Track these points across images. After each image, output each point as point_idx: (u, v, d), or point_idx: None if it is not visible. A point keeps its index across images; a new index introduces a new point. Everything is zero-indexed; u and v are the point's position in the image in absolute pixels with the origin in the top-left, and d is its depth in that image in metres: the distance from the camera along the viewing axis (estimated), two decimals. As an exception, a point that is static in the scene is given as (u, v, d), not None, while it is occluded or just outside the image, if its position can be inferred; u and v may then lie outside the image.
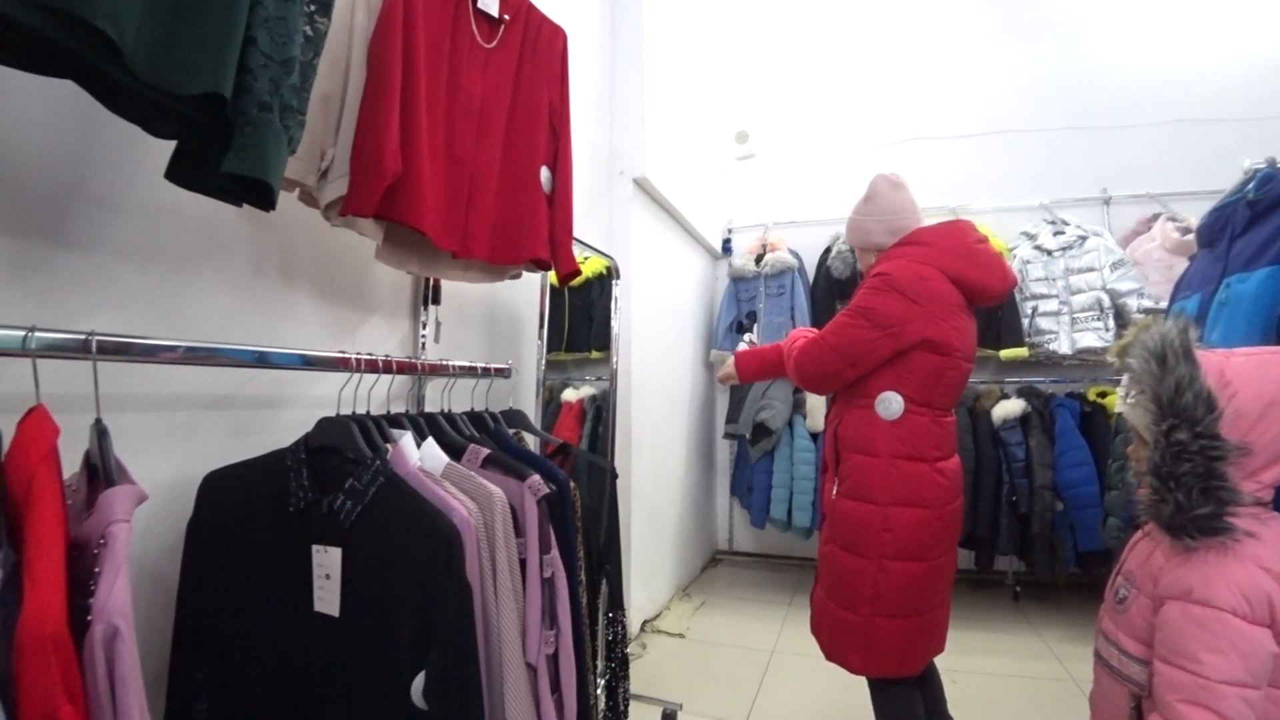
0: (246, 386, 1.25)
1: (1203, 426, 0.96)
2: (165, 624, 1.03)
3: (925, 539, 1.50)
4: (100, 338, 0.77)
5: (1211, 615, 0.93)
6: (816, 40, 4.27)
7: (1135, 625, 1.07)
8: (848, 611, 1.54)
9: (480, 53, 1.35)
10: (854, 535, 1.53)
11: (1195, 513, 0.96)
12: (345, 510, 0.98)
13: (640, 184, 2.92)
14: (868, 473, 1.52)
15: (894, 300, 1.50)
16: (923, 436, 1.52)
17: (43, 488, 0.61)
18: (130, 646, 0.57)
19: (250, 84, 0.75)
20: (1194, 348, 1.00)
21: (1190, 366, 0.98)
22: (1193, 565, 0.97)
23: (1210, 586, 0.94)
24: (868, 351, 1.51)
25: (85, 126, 0.99)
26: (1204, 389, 0.97)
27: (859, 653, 1.54)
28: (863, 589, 1.51)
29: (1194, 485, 0.96)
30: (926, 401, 1.53)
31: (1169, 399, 0.98)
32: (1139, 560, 1.12)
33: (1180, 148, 3.50)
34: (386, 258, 1.33)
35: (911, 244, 1.59)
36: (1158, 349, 1.01)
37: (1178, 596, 0.98)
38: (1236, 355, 1.03)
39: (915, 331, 1.49)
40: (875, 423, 1.52)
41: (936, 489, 1.52)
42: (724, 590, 3.68)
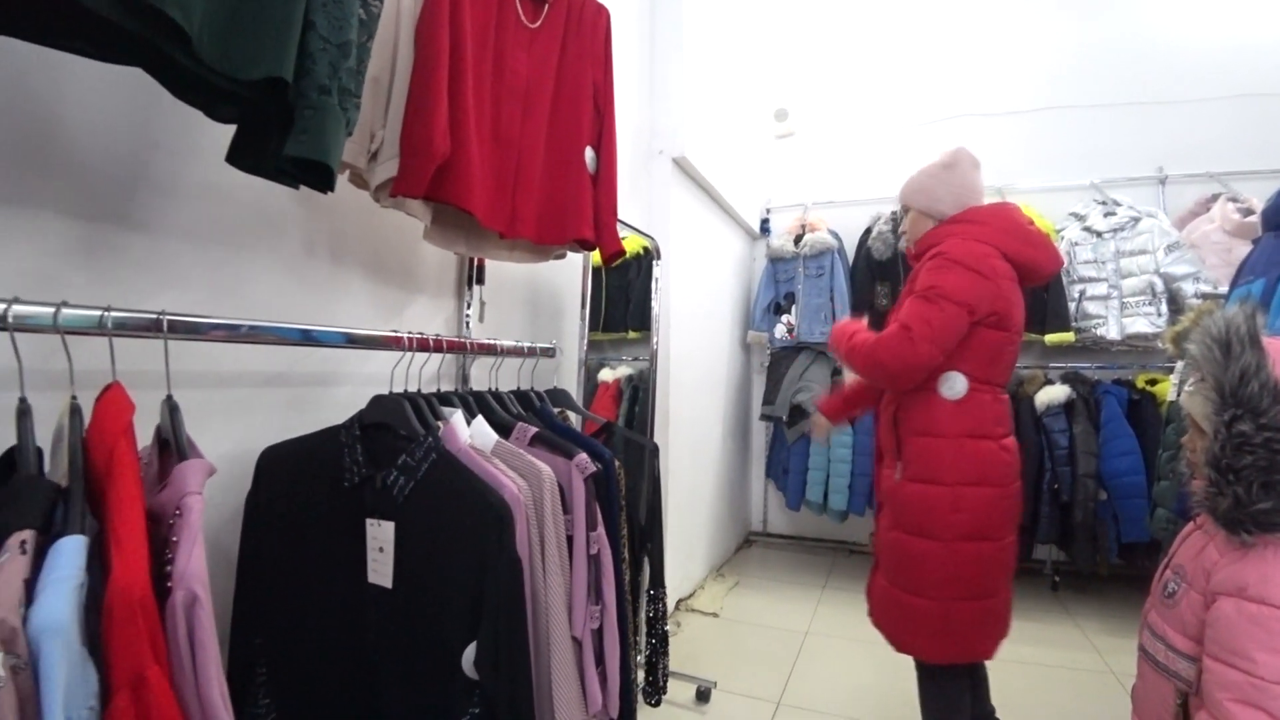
0: (301, 364, 1.28)
1: (1268, 418, 0.91)
2: (225, 591, 1.08)
3: (995, 518, 1.49)
4: (171, 317, 0.80)
5: (1268, 613, 0.89)
6: (858, 14, 4.15)
7: (1185, 621, 1.02)
8: (918, 597, 1.52)
9: (525, 33, 1.34)
10: (922, 518, 1.51)
11: (1255, 507, 0.91)
12: (399, 485, 1.01)
13: (679, 163, 2.89)
14: (935, 454, 1.50)
15: (963, 275, 1.47)
16: (987, 413, 1.52)
17: (122, 462, 0.64)
18: (208, 612, 0.60)
19: (310, 68, 0.76)
20: (1261, 334, 0.95)
21: (1257, 354, 0.93)
22: (1249, 561, 0.93)
23: (1269, 584, 0.90)
24: (958, 332, 1.48)
25: (148, 113, 1.02)
26: (1271, 379, 0.92)
27: (935, 639, 1.52)
28: (933, 573, 1.49)
29: (1255, 480, 0.91)
30: (988, 378, 1.53)
31: (1233, 388, 0.93)
32: (1190, 554, 1.07)
33: (1243, 123, 3.32)
34: (435, 238, 1.34)
35: (965, 221, 1.57)
36: (1222, 335, 0.95)
37: (1232, 593, 0.94)
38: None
39: (985, 305, 1.47)
40: (939, 403, 1.51)
41: (1004, 466, 1.52)
42: (758, 571, 3.70)
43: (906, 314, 1.50)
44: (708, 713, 2.17)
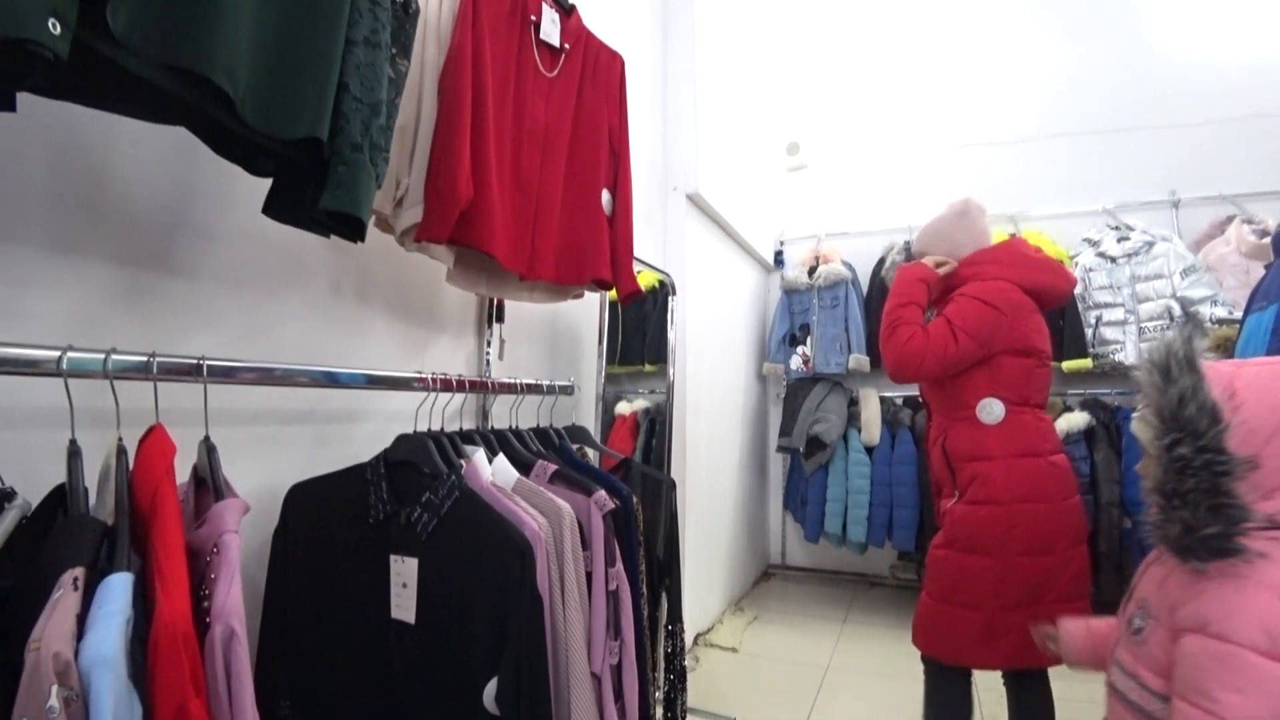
0: (326, 402, 1.32)
1: (1206, 440, 0.90)
2: (252, 625, 1.10)
3: (1051, 532, 1.53)
4: (210, 362, 0.84)
5: (1229, 650, 0.86)
6: (867, 48, 4.23)
7: (1155, 658, 0.99)
8: (968, 609, 1.56)
9: (543, 81, 1.40)
10: (976, 536, 1.56)
11: (1203, 532, 0.90)
12: (422, 522, 1.04)
13: (693, 199, 2.95)
14: (987, 477, 1.56)
15: (982, 309, 1.58)
16: (1031, 432, 1.59)
17: (166, 502, 0.68)
18: (244, 647, 0.63)
19: (344, 126, 0.81)
20: (1199, 358, 0.94)
21: (1194, 377, 0.93)
22: (1210, 595, 0.91)
23: (1229, 620, 0.87)
24: (964, 357, 1.57)
25: (190, 162, 1.08)
26: (1209, 401, 0.91)
27: (984, 645, 1.55)
28: (985, 586, 1.54)
29: (1201, 503, 0.90)
30: (1024, 400, 1.60)
31: (1171, 412, 0.93)
32: (1153, 587, 1.05)
33: (1256, 144, 3.30)
34: (457, 280, 1.39)
35: (981, 262, 1.68)
36: (1161, 360, 0.96)
37: (1196, 629, 0.91)
38: (1250, 366, 0.97)
39: (1000, 338, 1.57)
40: (984, 429, 1.58)
41: (1056, 481, 1.57)
42: (777, 605, 3.65)
43: (934, 330, 1.61)
44: (728, 750, 2.14)
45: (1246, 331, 1.59)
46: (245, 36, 0.72)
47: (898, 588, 3.80)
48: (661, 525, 1.54)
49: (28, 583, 0.59)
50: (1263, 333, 1.48)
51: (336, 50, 0.81)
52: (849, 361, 3.61)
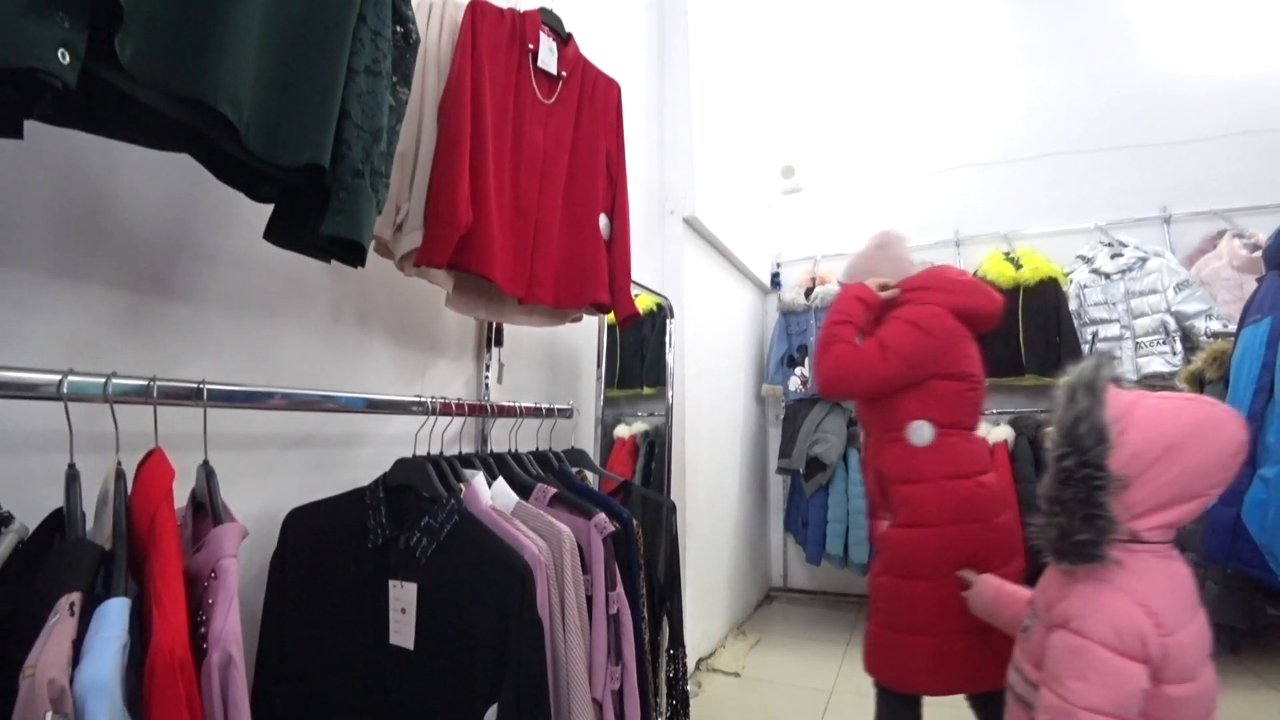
0: (326, 426, 1.32)
1: (1089, 456, 1.01)
2: (248, 650, 1.08)
3: (983, 552, 1.54)
4: (211, 386, 0.84)
5: (1081, 645, 0.98)
6: (860, 72, 4.30)
7: (1034, 652, 1.11)
8: (913, 636, 1.55)
9: (541, 108, 1.42)
10: (911, 560, 1.56)
11: (1076, 538, 1.01)
12: (422, 547, 1.03)
13: (690, 223, 2.97)
14: (919, 499, 1.57)
15: (913, 332, 1.62)
16: (960, 454, 1.60)
17: (164, 527, 0.68)
18: (241, 673, 0.62)
19: (345, 153, 0.82)
20: (1102, 384, 1.05)
21: (1092, 401, 1.03)
22: (1075, 595, 1.03)
23: (1085, 617, 0.99)
24: (891, 377, 1.60)
25: (190, 189, 1.09)
26: (1099, 422, 1.02)
27: (932, 674, 1.54)
28: (926, 611, 1.54)
29: (1077, 511, 1.01)
30: (954, 423, 1.61)
31: (1068, 429, 1.04)
32: (1040, 589, 1.17)
33: (1245, 160, 3.34)
34: (456, 304, 1.40)
35: (913, 289, 1.72)
36: (1071, 384, 1.07)
37: (1061, 624, 1.02)
38: (1151, 398, 1.06)
39: (929, 362, 1.60)
40: (914, 451, 1.59)
41: (986, 501, 1.59)
42: (779, 628, 3.61)
43: (866, 347, 1.64)
44: (733, 779, 2.11)
45: (1242, 344, 1.61)
46: (250, 66, 0.73)
47: (901, 610, 3.75)
48: (662, 548, 1.53)
49: (23, 607, 0.58)
50: (1258, 345, 1.50)
51: (339, 79, 0.83)
52: (848, 382, 3.60)
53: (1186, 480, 1.01)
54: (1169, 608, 0.99)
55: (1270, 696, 2.21)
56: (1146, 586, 0.99)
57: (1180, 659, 0.97)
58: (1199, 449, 1.01)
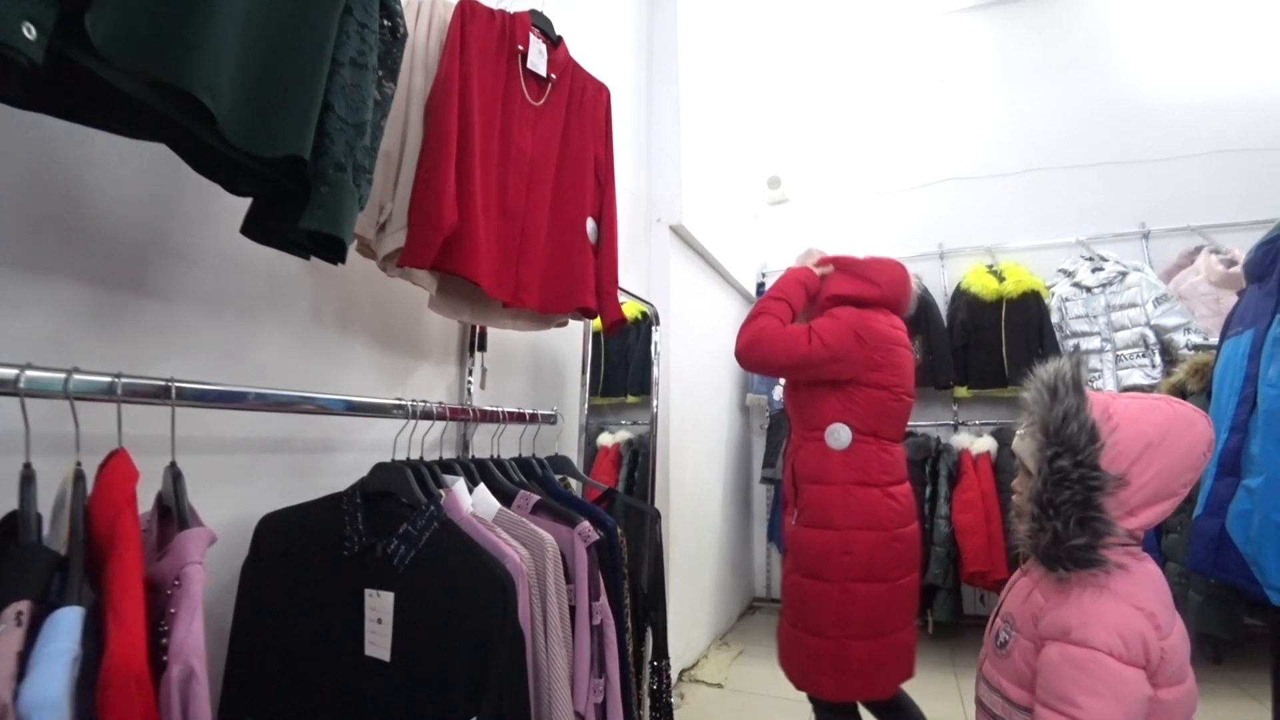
0: (304, 430, 1.28)
1: (1084, 455, 0.97)
2: (218, 662, 1.05)
3: (885, 560, 1.56)
4: (179, 384, 0.80)
5: (1088, 656, 0.93)
6: (847, 85, 4.34)
7: (1019, 670, 1.04)
8: (816, 637, 1.58)
9: (530, 111, 1.40)
10: (816, 561, 1.59)
11: (1071, 543, 0.96)
12: (399, 555, 1.00)
13: (677, 231, 2.97)
14: (826, 501, 1.59)
15: (841, 329, 1.62)
16: (873, 463, 1.61)
17: (125, 532, 0.64)
18: (204, 687, 0.59)
19: (327, 147, 0.80)
20: (1084, 381, 1.03)
21: (1078, 398, 1.00)
22: (1070, 605, 0.97)
23: (1088, 627, 0.94)
24: (811, 360, 1.61)
25: (168, 183, 1.06)
26: (1089, 420, 0.99)
27: (830, 677, 1.57)
28: (829, 613, 1.56)
29: (1072, 514, 0.97)
30: (873, 431, 1.62)
31: (1055, 428, 1.00)
32: (1018, 600, 1.10)
33: (1221, 178, 3.42)
34: (440, 307, 1.37)
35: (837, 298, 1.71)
36: (1050, 381, 1.04)
37: (1057, 637, 0.97)
38: (1121, 398, 1.05)
39: (856, 366, 1.60)
40: (828, 453, 1.61)
41: (890, 512, 1.59)
42: (762, 639, 3.58)
43: (793, 328, 1.65)
44: (715, 793, 2.07)
45: (1224, 357, 1.62)
46: (230, 53, 0.71)
47: (884, 622, 3.75)
48: (646, 558, 1.50)
49: (-31, 618, 0.55)
50: (1240, 357, 1.50)
51: (322, 70, 0.80)
52: (832, 393, 3.60)
53: (1163, 480, 1.00)
54: (1162, 609, 0.97)
55: (1249, 705, 2.22)
56: (1139, 589, 0.97)
57: (1172, 661, 0.95)
58: (1173, 447, 1.00)
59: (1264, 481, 1.33)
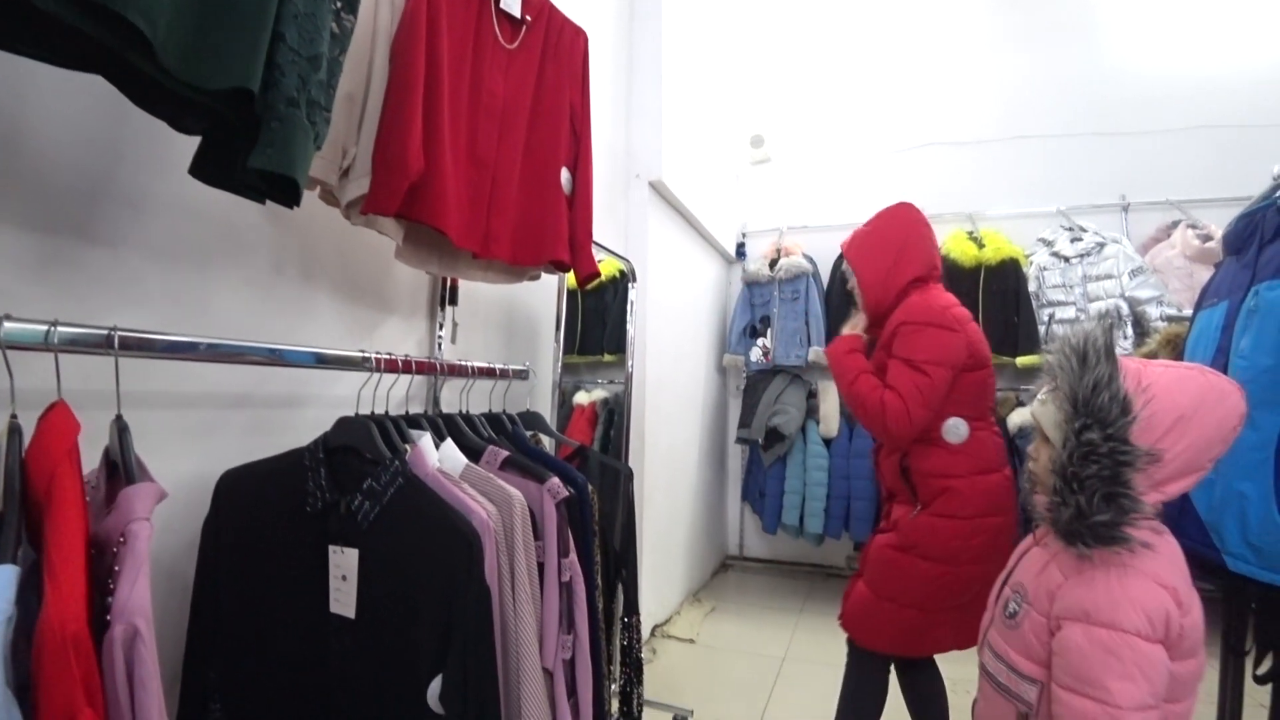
0: (265, 385, 1.24)
1: (1115, 429, 0.92)
2: (180, 622, 1.03)
3: (1002, 543, 1.58)
4: (123, 333, 0.76)
5: (1119, 639, 0.89)
6: (833, 45, 4.24)
7: (1027, 643, 1.02)
8: (910, 609, 1.60)
9: (503, 54, 1.34)
10: (939, 547, 1.58)
11: (1094, 519, 0.92)
12: (363, 511, 0.98)
13: (656, 187, 2.91)
14: (955, 493, 1.59)
15: (937, 335, 1.59)
16: (989, 448, 1.64)
17: (64, 485, 0.61)
18: (150, 648, 0.56)
19: (278, 80, 0.74)
20: (1116, 348, 0.97)
21: (1111, 366, 0.95)
22: (1094, 586, 0.93)
23: (1117, 608, 0.90)
24: (946, 390, 1.59)
25: (114, 124, 0.99)
26: (1121, 391, 0.93)
27: (911, 639, 1.63)
28: (941, 593, 1.59)
29: (1097, 489, 0.92)
30: (982, 415, 1.65)
31: (1085, 398, 0.94)
32: (1031, 572, 1.07)
33: (1201, 153, 3.44)
34: (407, 258, 1.32)
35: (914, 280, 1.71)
36: (1080, 346, 0.97)
37: (1079, 618, 0.93)
38: (1154, 365, 1.00)
39: (962, 356, 1.60)
40: (949, 448, 1.61)
41: (1007, 495, 1.63)
42: (734, 596, 3.66)
43: (899, 382, 1.58)
44: (684, 743, 2.12)
45: (1198, 328, 1.62)
46: (165, -28, 0.65)
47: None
48: (619, 516, 1.50)
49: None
50: (1213, 329, 1.51)
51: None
52: (809, 354, 3.62)
53: (1192, 454, 0.95)
54: (1184, 584, 0.93)
55: (1197, 664, 2.31)
56: (1162, 566, 0.93)
57: (1190, 637, 0.93)
58: (1205, 421, 0.95)
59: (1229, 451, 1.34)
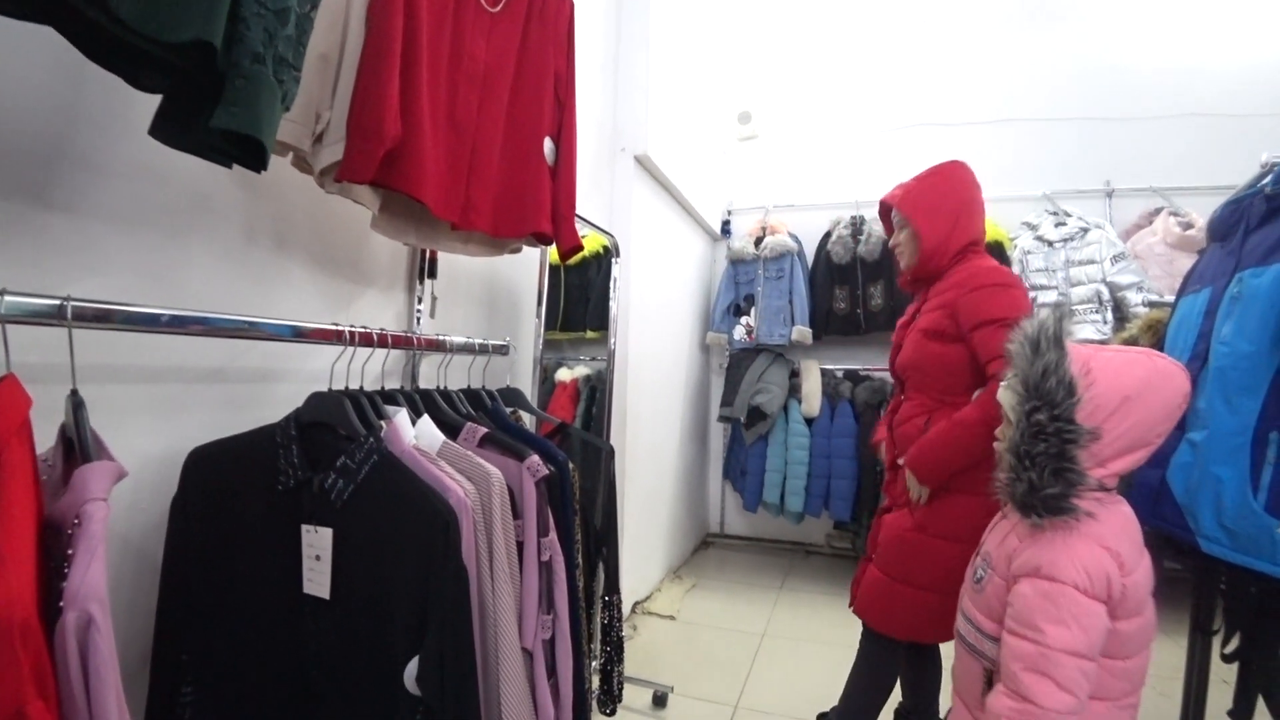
0: (238, 359, 1.20)
1: (1061, 410, 1.02)
2: (150, 605, 1.00)
3: None
4: (77, 303, 0.72)
5: (1056, 589, 1.00)
6: (822, 22, 4.18)
7: (990, 604, 1.13)
8: (926, 591, 1.57)
9: (486, 17, 1.29)
10: (958, 525, 1.54)
11: (1045, 492, 1.03)
12: (337, 489, 0.95)
13: (642, 161, 2.86)
14: (980, 470, 1.51)
15: (1018, 294, 1.57)
16: None
17: (14, 463, 0.57)
18: (106, 636, 0.54)
19: (243, 33, 0.70)
20: (1065, 337, 1.07)
21: (1059, 353, 1.05)
22: (1042, 544, 1.04)
23: (1058, 564, 1.01)
24: None
25: (71, 82, 0.94)
26: (1067, 375, 1.03)
27: (932, 623, 1.59)
28: (953, 570, 1.52)
29: (1046, 465, 1.03)
30: None
31: (1035, 382, 1.05)
32: (995, 542, 1.18)
33: (1185, 142, 3.45)
34: (383, 228, 1.28)
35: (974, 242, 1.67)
36: (1033, 335, 1.08)
37: (1029, 574, 1.04)
38: (1105, 351, 1.10)
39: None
40: None
41: None
42: (715, 573, 3.68)
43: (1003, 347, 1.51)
44: (665, 718, 2.14)
45: (1180, 314, 1.63)
46: (117, -86, 0.60)
47: (833, 556, 3.89)
48: (600, 494, 1.48)
49: None
50: (1195, 314, 1.51)
51: (234, -57, 0.69)
52: (792, 333, 3.61)
53: (1139, 431, 1.05)
54: (1128, 549, 1.04)
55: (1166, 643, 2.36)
56: (1108, 530, 1.03)
57: (1134, 596, 1.02)
58: (1151, 400, 1.04)
59: (1207, 436, 1.35)
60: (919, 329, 1.65)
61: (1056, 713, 0.97)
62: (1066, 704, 0.97)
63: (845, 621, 1.74)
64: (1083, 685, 0.98)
